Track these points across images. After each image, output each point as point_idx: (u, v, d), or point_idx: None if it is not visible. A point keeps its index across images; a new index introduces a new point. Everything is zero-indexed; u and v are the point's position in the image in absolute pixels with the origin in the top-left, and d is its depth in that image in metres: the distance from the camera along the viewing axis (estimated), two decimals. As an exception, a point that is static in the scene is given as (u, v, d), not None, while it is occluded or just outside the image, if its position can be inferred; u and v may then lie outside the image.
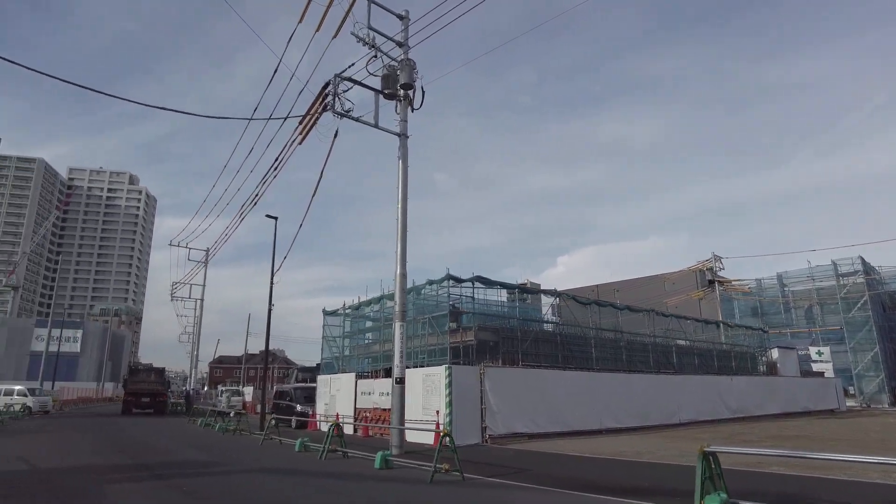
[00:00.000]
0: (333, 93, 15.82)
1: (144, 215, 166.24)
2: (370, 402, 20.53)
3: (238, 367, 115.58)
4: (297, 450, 15.16)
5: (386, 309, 22.25)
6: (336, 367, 24.45)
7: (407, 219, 16.27)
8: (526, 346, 19.69)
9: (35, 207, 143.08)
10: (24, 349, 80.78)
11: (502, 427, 17.67)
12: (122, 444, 16.88)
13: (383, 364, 21.69)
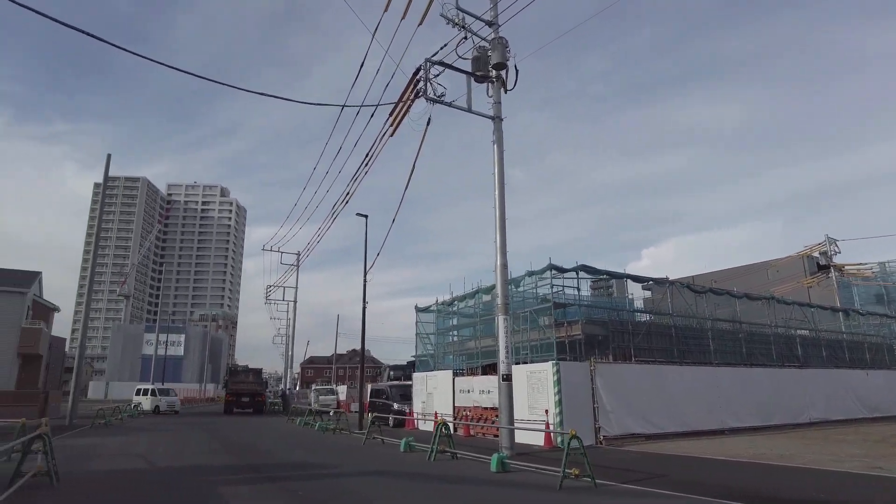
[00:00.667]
0: (425, 78, 15.15)
1: (236, 225, 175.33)
2: (470, 400, 19.75)
3: (327, 367, 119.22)
4: (403, 450, 14.61)
5: (482, 304, 21.40)
6: (431, 364, 23.89)
7: (505, 205, 15.34)
8: (638, 340, 18.19)
9: (140, 222, 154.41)
10: (137, 353, 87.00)
11: (616, 427, 16.33)
12: (228, 443, 17.04)
13: (481, 361, 20.85)
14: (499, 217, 15.18)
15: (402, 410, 23.79)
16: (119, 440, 17.62)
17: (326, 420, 22.59)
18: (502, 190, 15.43)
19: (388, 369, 44.24)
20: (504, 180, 15.53)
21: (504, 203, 15.35)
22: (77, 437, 18.47)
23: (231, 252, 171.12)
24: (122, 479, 10.16)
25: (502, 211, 15.24)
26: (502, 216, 15.20)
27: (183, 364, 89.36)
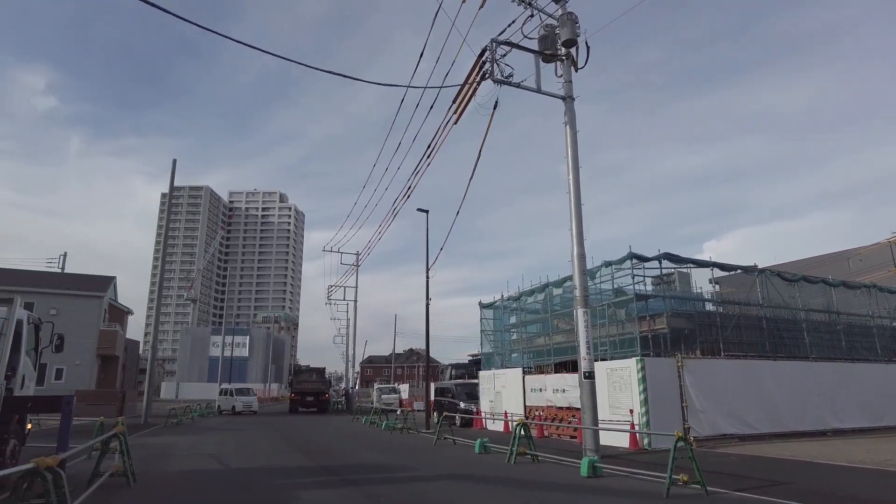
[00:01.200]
0: (491, 59, 14.36)
1: (295, 230, 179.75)
2: (542, 399, 18.80)
3: (386, 366, 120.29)
4: (478, 451, 13.86)
5: (552, 298, 20.39)
6: (499, 362, 23.05)
7: (580, 190, 14.34)
8: (727, 334, 16.75)
9: (204, 229, 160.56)
10: (204, 354, 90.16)
11: (707, 427, 15.03)
12: (298, 443, 16.75)
13: (554, 358, 19.84)
14: (574, 203, 14.20)
15: (469, 409, 23.08)
16: (190, 439, 17.67)
17: (393, 419, 22.13)
18: (577, 174, 14.44)
19: (450, 368, 43.60)
20: (578, 164, 14.55)
21: (579, 188, 14.36)
22: (151, 436, 18.69)
23: (291, 256, 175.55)
24: (197, 481, 9.85)
25: (577, 196, 14.26)
26: (578, 202, 14.21)
27: (248, 365, 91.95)
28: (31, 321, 9.89)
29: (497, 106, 14.59)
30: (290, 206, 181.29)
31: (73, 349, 32.92)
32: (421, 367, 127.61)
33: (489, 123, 15.23)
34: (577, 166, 14.48)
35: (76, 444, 11.85)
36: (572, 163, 14.48)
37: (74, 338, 33.38)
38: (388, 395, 41.04)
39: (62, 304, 33.38)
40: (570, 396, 17.25)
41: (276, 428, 22.98)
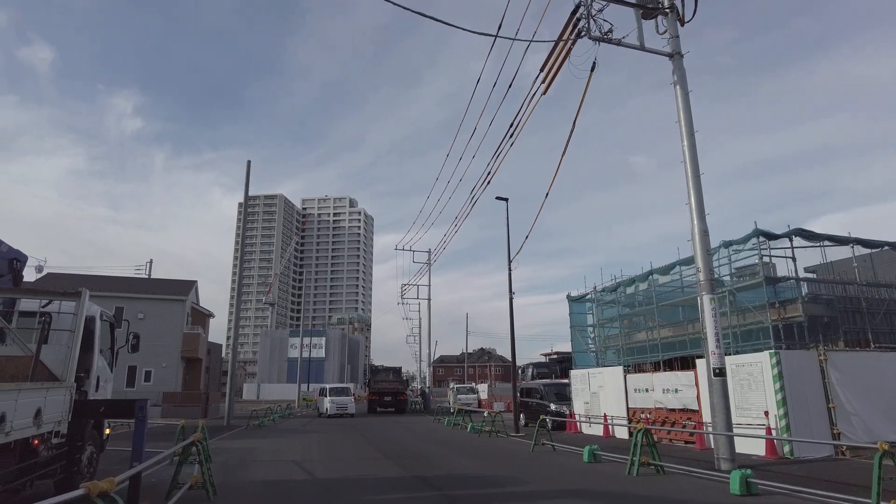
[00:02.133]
0: (587, 14, 12.66)
1: (365, 233, 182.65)
2: (650, 400, 16.80)
3: (457, 366, 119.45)
4: (587, 460, 12.17)
5: (656, 288, 18.32)
6: (593, 360, 21.15)
7: (697, 158, 12.38)
8: (877, 322, 14.21)
9: (280, 236, 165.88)
10: (283, 356, 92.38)
11: (862, 433, 12.62)
12: (385, 448, 15.62)
13: (662, 354, 17.78)
14: (691, 172, 12.27)
15: (560, 412, 21.33)
16: (272, 443, 16.95)
17: (479, 421, 20.71)
18: (692, 140, 12.50)
19: (531, 367, 41.77)
20: (693, 128, 12.60)
21: (696, 155, 12.42)
22: (233, 439, 18.18)
23: (362, 258, 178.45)
24: (281, 494, 8.77)
25: (695, 164, 12.31)
26: (695, 170, 12.27)
27: (325, 365, 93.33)
28: (105, 318, 9.15)
29: (595, 67, 12.87)
30: (359, 210, 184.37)
31: (159, 352, 33.79)
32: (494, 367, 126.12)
33: (586, 88, 13.54)
34: (691, 131, 12.53)
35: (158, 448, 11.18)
36: (686, 127, 12.55)
37: (160, 341, 34.28)
38: (465, 396, 39.72)
39: (148, 308, 34.27)
40: (685, 397, 15.22)
41: (358, 429, 22.10)
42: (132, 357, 33.15)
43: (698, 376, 14.73)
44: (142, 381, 33.36)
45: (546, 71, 14.01)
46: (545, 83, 14.28)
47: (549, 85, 14.20)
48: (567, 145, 14.68)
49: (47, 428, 6.52)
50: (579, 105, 13.84)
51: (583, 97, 13.81)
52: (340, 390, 33.40)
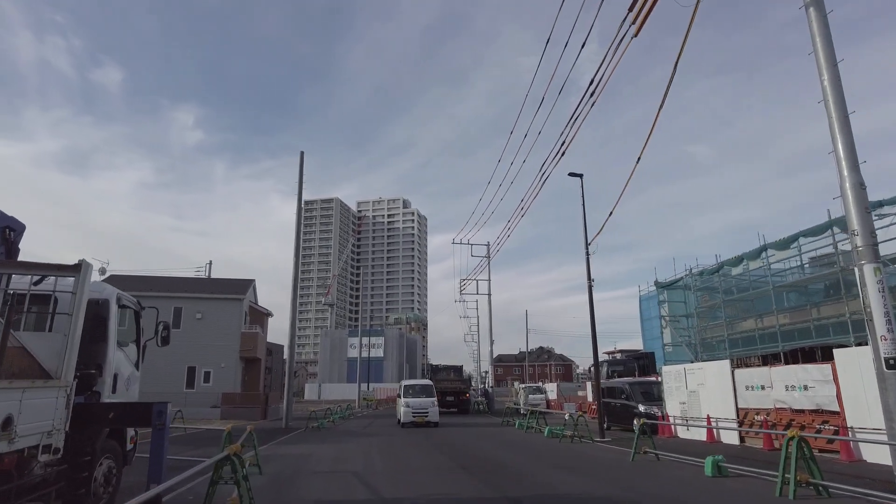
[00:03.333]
0: (691, -76, 10.28)
1: (419, 234, 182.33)
2: (767, 399, 14.13)
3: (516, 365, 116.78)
4: (710, 474, 9.81)
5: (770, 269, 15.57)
6: (686, 354, 18.52)
7: (843, 95, 9.79)
8: None
9: (337, 238, 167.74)
10: (343, 356, 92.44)
11: None
12: (458, 456, 13.65)
13: (782, 345, 15.05)
14: (836, 113, 9.68)
15: (651, 414, 18.81)
16: (331, 449, 15.30)
17: (560, 425, 18.46)
18: (835, 70, 9.89)
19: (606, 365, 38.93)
20: (835, 57, 9.99)
21: (841, 90, 9.81)
22: (289, 444, 16.69)
23: (417, 258, 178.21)
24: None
25: (840, 102, 9.70)
26: (842, 110, 9.66)
27: (383, 365, 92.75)
28: (125, 304, 7.57)
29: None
30: (412, 211, 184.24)
31: (218, 352, 33.16)
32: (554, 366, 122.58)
33: (690, 22, 11.15)
34: (833, 60, 9.92)
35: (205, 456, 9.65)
36: (825, 57, 9.95)
37: (218, 340, 33.64)
38: (533, 396, 37.37)
39: (206, 307, 33.72)
40: (819, 395, 12.52)
41: (423, 432, 20.27)
42: (191, 357, 32.71)
43: (837, 370, 12.04)
44: (201, 381, 32.80)
45: (638, 7, 11.72)
46: (636, 23, 11.98)
47: (643, 24, 11.89)
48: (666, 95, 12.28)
49: (28, 442, 4.88)
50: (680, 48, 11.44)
51: (686, 36, 11.41)
52: (421, 389, 24.05)
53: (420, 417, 22.18)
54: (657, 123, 12.47)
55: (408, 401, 22.77)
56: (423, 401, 22.80)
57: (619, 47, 12.53)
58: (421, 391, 23.76)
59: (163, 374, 31.83)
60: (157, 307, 8.52)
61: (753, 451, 13.44)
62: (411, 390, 23.77)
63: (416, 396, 23.13)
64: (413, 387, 24.34)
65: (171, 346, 30.02)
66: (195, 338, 32.96)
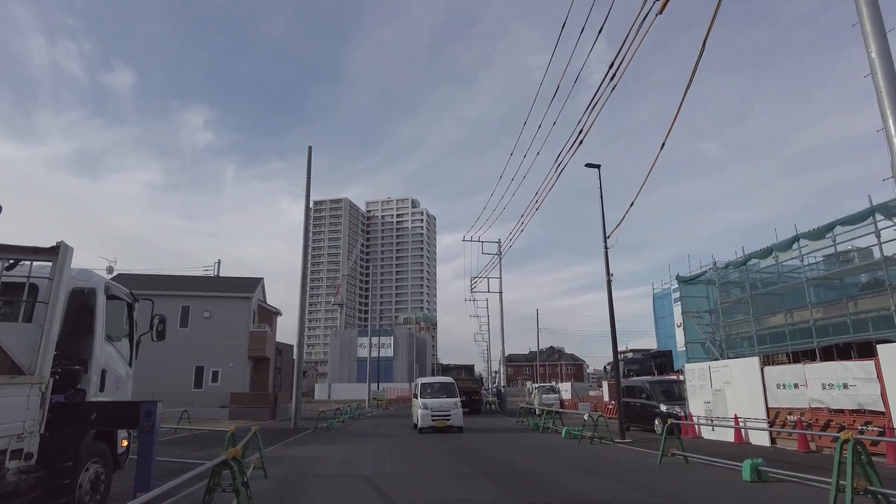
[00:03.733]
0: None
1: (428, 233, 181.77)
2: (801, 398, 13.34)
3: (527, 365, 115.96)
4: (749, 479, 9.08)
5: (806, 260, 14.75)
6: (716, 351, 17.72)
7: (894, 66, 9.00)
8: None
9: (346, 238, 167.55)
10: (352, 356, 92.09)
11: None
12: (471, 458, 12.97)
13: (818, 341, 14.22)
14: (885, 86, 8.89)
15: (672, 413, 18.03)
16: (341, 451, 14.67)
17: (577, 426, 17.73)
18: (883, 41, 9.08)
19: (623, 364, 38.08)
20: (883, 26, 9.19)
21: (891, 61, 9.03)
22: (298, 445, 16.09)
23: (426, 258, 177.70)
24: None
25: (889, 75, 8.93)
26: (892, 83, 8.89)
27: (393, 364, 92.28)
28: (115, 294, 6.96)
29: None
30: (421, 210, 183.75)
31: (226, 351, 32.68)
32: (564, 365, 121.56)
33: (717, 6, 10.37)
34: (882, 30, 8.96)
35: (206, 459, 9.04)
36: (873, 27, 9.07)
37: (226, 340, 33.16)
38: (547, 395, 36.61)
39: (214, 306, 33.26)
40: (861, 394, 11.72)
41: (437, 434, 19.60)
42: (199, 356, 32.26)
43: (882, 367, 11.24)
44: (209, 381, 32.34)
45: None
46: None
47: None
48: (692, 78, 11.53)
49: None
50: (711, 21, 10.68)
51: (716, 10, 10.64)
52: (441, 387, 20.65)
53: (441, 421, 19.26)
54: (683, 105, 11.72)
55: (426, 402, 19.80)
56: (443, 401, 19.74)
57: (641, 27, 11.83)
58: (441, 390, 20.47)
59: (170, 373, 31.45)
60: (152, 300, 7.88)
61: (788, 454, 12.66)
62: (429, 389, 20.60)
63: (435, 396, 20.16)
64: (431, 385, 20.99)
65: (178, 346, 29.56)
66: (203, 337, 32.53)
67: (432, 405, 19.65)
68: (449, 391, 20.33)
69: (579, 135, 16.44)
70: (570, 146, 16.97)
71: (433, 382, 21.52)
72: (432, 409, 19.53)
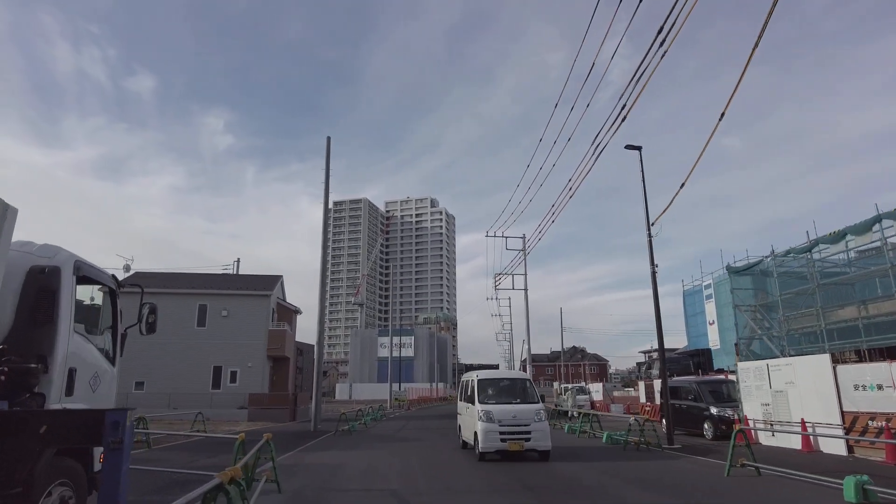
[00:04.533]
0: None
1: (447, 233, 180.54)
2: (888, 401, 11.70)
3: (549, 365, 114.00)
4: (854, 499, 7.55)
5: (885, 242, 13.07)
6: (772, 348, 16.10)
7: None
8: None
9: (366, 238, 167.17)
10: (373, 355, 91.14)
11: None
12: (509, 468, 11.54)
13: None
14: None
15: (725, 416, 16.47)
16: (363, 457, 13.39)
17: (622, 430, 16.21)
18: None
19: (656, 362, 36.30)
20: None
21: None
22: (317, 451, 14.85)
23: (445, 257, 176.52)
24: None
25: None
26: None
27: (414, 364, 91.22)
28: (88, 275, 5.68)
29: None
30: (440, 210, 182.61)
31: (245, 350, 31.69)
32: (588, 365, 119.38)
33: None
34: None
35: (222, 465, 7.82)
36: None
37: (245, 339, 32.16)
38: (578, 396, 35.01)
39: (231, 304, 32.31)
40: (966, 397, 10.08)
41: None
42: (217, 356, 31.30)
43: None
44: (227, 382, 31.36)
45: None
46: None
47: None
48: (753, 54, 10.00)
49: None
50: None
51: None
52: (510, 386, 13.70)
53: (516, 443, 12.05)
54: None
55: (489, 409, 12.43)
56: (519, 409, 12.49)
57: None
58: (510, 391, 13.38)
59: (187, 374, 30.58)
60: (141, 285, 6.66)
61: (872, 465, 11.04)
62: (492, 389, 13.39)
63: (502, 401, 12.90)
64: (495, 383, 13.69)
65: (195, 345, 27.98)
66: (221, 336, 31.62)
67: (501, 415, 12.23)
68: (524, 393, 13.27)
69: (622, 110, 14.93)
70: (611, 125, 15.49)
71: (498, 379, 14.08)
72: (502, 421, 12.17)
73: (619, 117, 15.04)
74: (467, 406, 13.82)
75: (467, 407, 13.80)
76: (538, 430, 12.23)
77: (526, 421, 12.25)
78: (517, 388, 13.60)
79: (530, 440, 12.16)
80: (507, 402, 12.88)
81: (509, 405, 12.67)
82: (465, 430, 14.15)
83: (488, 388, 13.44)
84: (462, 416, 14.64)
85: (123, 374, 33.24)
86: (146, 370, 30.24)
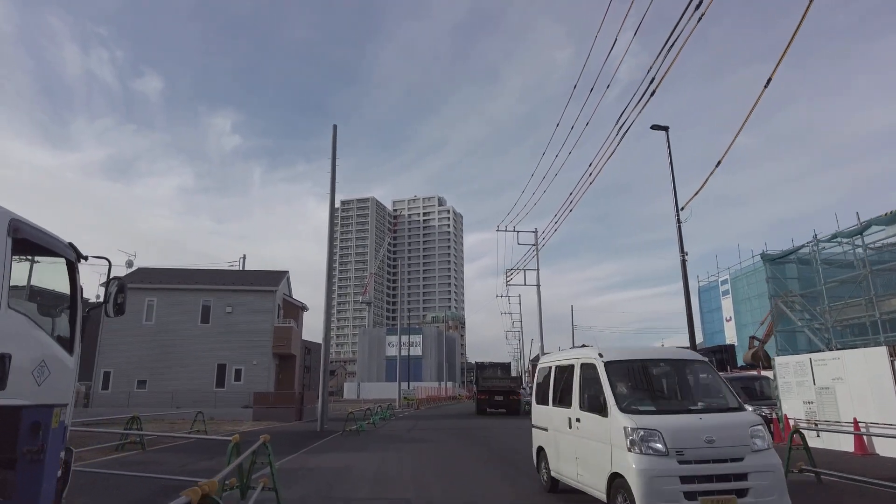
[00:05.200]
0: None
1: (454, 231, 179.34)
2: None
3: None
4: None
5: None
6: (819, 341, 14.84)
7: None
8: None
9: (373, 237, 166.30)
10: (381, 354, 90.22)
11: None
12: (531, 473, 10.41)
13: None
14: None
15: (762, 416, 15.21)
16: (372, 459, 12.31)
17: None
18: None
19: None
20: None
21: None
22: (323, 453, 13.76)
23: (453, 256, 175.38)
24: None
25: None
26: None
27: (422, 363, 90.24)
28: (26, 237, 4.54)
29: None
30: (448, 209, 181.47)
31: (250, 348, 30.70)
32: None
33: None
34: None
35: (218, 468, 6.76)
36: None
37: (250, 336, 31.19)
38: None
39: (237, 300, 31.36)
40: None
41: (480, 440, 17.10)
42: (221, 353, 30.30)
43: None
44: (232, 380, 30.39)
45: None
46: None
47: None
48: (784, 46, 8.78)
49: None
50: None
51: None
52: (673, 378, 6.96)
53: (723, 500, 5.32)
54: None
55: (652, 426, 5.64)
56: (712, 422, 5.83)
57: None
58: (678, 385, 6.99)
59: (191, 372, 29.63)
60: (108, 258, 5.57)
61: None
62: (639, 382, 6.87)
63: (670, 407, 6.49)
64: (643, 370, 6.96)
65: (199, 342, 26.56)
66: (225, 333, 30.67)
67: (681, 439, 5.54)
68: (707, 390, 6.88)
69: (650, 84, 13.72)
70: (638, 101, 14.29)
71: (648, 361, 7.13)
72: (684, 451, 5.48)
73: (646, 92, 13.84)
74: (572, 416, 7.02)
75: (571, 418, 7.02)
76: (761, 471, 5.53)
77: (734, 451, 5.59)
78: (687, 378, 6.98)
79: (748, 493, 5.44)
80: (679, 409, 6.36)
81: (688, 415, 6.06)
82: (563, 456, 7.39)
83: (629, 381, 6.71)
84: (551, 434, 7.90)
85: (124, 373, 32.03)
86: (148, 368, 29.36)
